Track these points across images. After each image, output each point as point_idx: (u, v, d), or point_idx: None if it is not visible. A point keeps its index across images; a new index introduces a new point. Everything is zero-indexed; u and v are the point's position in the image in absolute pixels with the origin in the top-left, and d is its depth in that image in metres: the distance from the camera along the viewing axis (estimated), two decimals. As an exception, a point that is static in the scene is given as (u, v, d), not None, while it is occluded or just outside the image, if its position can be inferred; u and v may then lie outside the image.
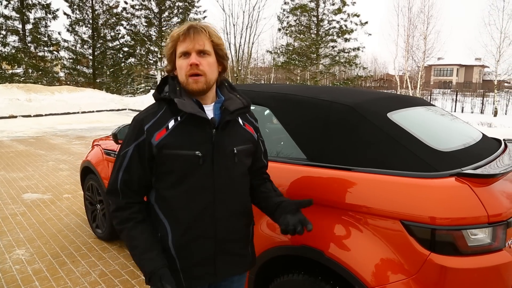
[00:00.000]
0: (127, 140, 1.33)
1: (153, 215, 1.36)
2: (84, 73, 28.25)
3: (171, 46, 1.31)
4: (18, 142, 9.67)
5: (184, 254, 1.33)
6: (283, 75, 30.38)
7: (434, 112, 2.35)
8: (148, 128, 1.28)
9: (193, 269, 1.34)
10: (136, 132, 1.30)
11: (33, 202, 4.87)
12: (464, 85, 42.02)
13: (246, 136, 1.42)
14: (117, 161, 1.34)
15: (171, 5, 28.11)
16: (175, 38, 1.30)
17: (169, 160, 1.28)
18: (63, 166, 6.96)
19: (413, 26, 22.00)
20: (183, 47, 1.28)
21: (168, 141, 1.27)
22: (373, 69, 48.44)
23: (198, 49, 1.28)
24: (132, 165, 1.30)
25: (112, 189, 1.33)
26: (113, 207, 1.34)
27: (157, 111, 1.32)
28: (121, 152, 1.33)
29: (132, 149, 1.30)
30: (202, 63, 1.28)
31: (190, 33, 1.27)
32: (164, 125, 1.29)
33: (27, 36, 25.29)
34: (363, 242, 1.57)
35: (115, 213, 1.33)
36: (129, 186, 1.32)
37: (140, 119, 1.31)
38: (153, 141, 1.27)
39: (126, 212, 1.32)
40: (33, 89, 17.25)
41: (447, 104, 22.44)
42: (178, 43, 1.30)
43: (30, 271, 3.10)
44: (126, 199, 1.32)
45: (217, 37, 1.33)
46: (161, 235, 1.34)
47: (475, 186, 1.46)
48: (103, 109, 18.07)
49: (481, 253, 1.45)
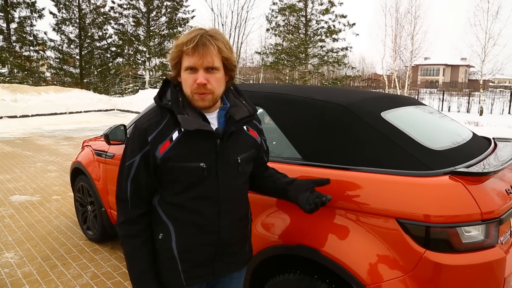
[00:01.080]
0: (131, 149, 1.29)
1: (155, 216, 1.35)
2: (71, 73, 27.81)
3: (176, 56, 1.23)
4: (4, 143, 9.48)
5: (186, 256, 1.33)
6: (272, 75, 30.42)
7: (426, 111, 2.38)
8: (152, 139, 1.24)
9: (193, 270, 1.35)
10: (140, 143, 1.26)
11: (21, 204, 4.78)
12: (450, 84, 42.67)
13: (249, 142, 1.41)
14: (123, 170, 1.32)
15: (159, 4, 27.84)
16: (181, 48, 1.20)
17: (175, 171, 1.26)
18: (52, 167, 6.85)
19: (400, 26, 22.27)
20: (190, 61, 1.20)
21: (172, 154, 1.24)
22: (361, 69, 48.83)
23: (207, 66, 1.20)
24: (140, 175, 1.28)
25: (122, 198, 1.32)
26: (121, 219, 1.32)
27: (161, 120, 1.27)
28: (126, 162, 1.30)
29: (139, 159, 1.27)
30: (210, 81, 1.22)
31: (199, 47, 1.18)
32: (168, 136, 1.25)
33: (12, 36, 24.80)
34: (359, 241, 1.58)
35: (123, 226, 1.32)
36: (138, 195, 1.31)
37: (143, 129, 1.26)
38: (157, 154, 1.24)
39: (135, 228, 1.31)
40: (18, 89, 16.93)
41: (434, 104, 22.75)
42: (184, 55, 1.21)
43: (20, 274, 3.05)
44: (136, 210, 1.31)
45: (228, 51, 1.24)
46: (163, 236, 1.32)
47: (468, 184, 1.49)
48: (91, 110, 17.83)
49: (475, 250, 1.48)
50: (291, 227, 1.80)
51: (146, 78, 27.78)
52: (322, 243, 1.65)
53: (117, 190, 1.34)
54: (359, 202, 1.61)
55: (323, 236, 1.67)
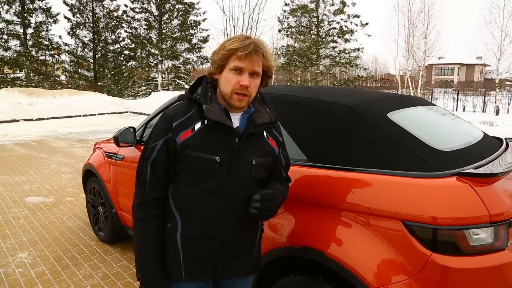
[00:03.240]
0: (156, 133, 1.37)
1: (166, 206, 1.40)
2: (85, 76, 28.31)
3: (225, 57, 1.29)
4: (20, 146, 9.70)
5: (189, 249, 1.37)
6: (284, 76, 30.37)
7: (435, 111, 2.35)
8: (176, 126, 1.32)
9: (194, 265, 1.37)
10: (165, 128, 1.34)
11: (35, 205, 4.88)
12: (466, 84, 41.91)
13: (267, 149, 1.45)
14: (145, 152, 1.38)
15: (171, 7, 28.15)
16: (234, 52, 1.27)
17: (190, 160, 1.32)
18: (65, 169, 6.98)
19: (413, 26, 22.01)
20: (239, 63, 1.28)
21: (191, 142, 1.31)
22: (373, 69, 48.42)
23: (253, 70, 1.30)
24: (160, 158, 1.35)
25: (141, 179, 1.37)
26: (138, 200, 1.37)
27: (187, 111, 1.36)
28: (149, 145, 1.37)
29: (161, 144, 1.34)
30: (251, 85, 1.31)
31: (252, 53, 1.27)
32: (191, 126, 1.33)
33: (28, 40, 25.39)
34: (365, 243, 1.56)
35: (140, 208, 1.36)
36: (157, 178, 1.36)
37: (170, 115, 1.35)
38: (178, 140, 1.31)
39: (151, 212, 1.36)
40: (34, 93, 17.29)
41: (449, 104, 22.40)
42: (234, 57, 1.28)
43: (33, 274, 3.11)
44: (153, 193, 1.36)
45: (271, 60, 1.35)
46: (170, 226, 1.38)
47: (476, 186, 1.46)
48: (104, 112, 18.09)
49: (484, 253, 1.44)
50: (297, 229, 1.80)
51: (159, 80, 28.07)
52: (327, 245, 1.64)
53: (137, 171, 1.40)
54: (365, 204, 1.59)
55: (329, 238, 1.66)
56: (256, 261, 1.54)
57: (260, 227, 1.55)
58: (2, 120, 14.47)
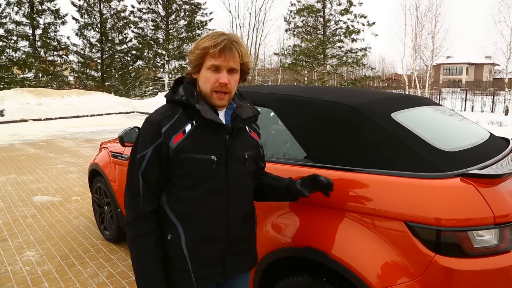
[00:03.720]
0: (143, 141, 1.31)
1: (162, 217, 1.35)
2: (93, 77, 28.55)
3: (200, 56, 1.29)
4: (28, 146, 9.81)
5: (197, 255, 1.34)
6: (291, 76, 30.32)
7: (440, 111, 2.33)
8: (166, 131, 1.28)
9: (204, 270, 1.35)
10: (154, 134, 1.29)
11: (43, 204, 4.93)
12: (474, 83, 41.47)
13: (252, 142, 1.48)
14: (134, 163, 1.32)
15: (177, 8, 28.25)
16: (207, 50, 1.26)
17: (186, 163, 1.29)
18: (72, 169, 7.04)
19: (420, 25, 21.85)
20: (215, 61, 1.27)
21: (185, 145, 1.28)
22: (381, 69, 48.14)
23: (230, 67, 1.29)
24: (151, 167, 1.30)
25: (134, 192, 1.31)
26: (133, 216, 1.30)
27: (173, 114, 1.32)
28: (138, 154, 1.31)
29: (151, 151, 1.29)
30: (230, 82, 1.31)
31: (226, 50, 1.26)
32: (181, 128, 1.30)
33: (37, 41, 25.66)
34: (367, 244, 1.56)
35: (135, 223, 1.29)
36: (150, 189, 1.31)
37: (157, 121, 1.30)
38: (171, 144, 1.28)
39: (148, 225, 1.30)
40: (43, 93, 17.49)
41: (457, 103, 22.18)
42: (209, 56, 1.27)
43: (40, 272, 3.14)
44: (148, 205, 1.31)
45: (247, 56, 1.35)
46: (172, 237, 1.33)
47: (480, 187, 1.44)
48: (111, 112, 18.24)
49: (488, 255, 1.43)
50: (300, 229, 1.79)
51: (166, 80, 28.19)
52: (330, 245, 1.63)
53: (127, 184, 1.34)
54: (367, 205, 1.58)
55: (331, 238, 1.65)
56: (255, 254, 1.56)
57: (255, 221, 1.56)
58: (11, 120, 14.66)
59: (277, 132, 2.35)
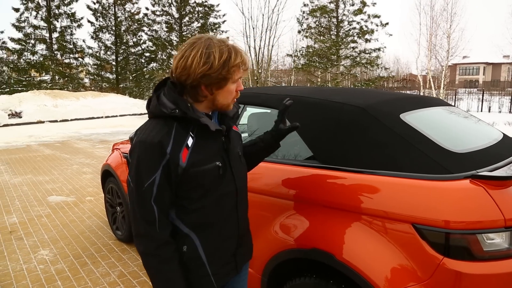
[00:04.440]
0: (148, 167, 1.20)
1: (174, 231, 1.30)
2: (107, 79, 28.97)
3: (232, 72, 1.25)
4: (45, 147, 10.01)
5: (214, 258, 1.34)
6: (304, 77, 30.21)
7: (451, 112, 2.29)
8: (170, 150, 1.20)
9: (221, 270, 1.37)
10: (158, 157, 1.20)
11: (57, 204, 5.03)
12: (492, 83, 40.63)
13: (238, 136, 1.52)
14: (143, 194, 1.21)
15: (191, 10, 28.50)
16: (238, 66, 1.26)
17: (197, 177, 1.25)
18: (87, 170, 7.15)
19: (435, 25, 21.47)
20: (242, 74, 1.31)
21: (194, 160, 1.24)
22: (395, 70, 47.57)
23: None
24: (163, 191, 1.22)
25: (149, 221, 1.21)
26: (154, 245, 1.21)
27: (169, 131, 1.23)
28: (145, 183, 1.20)
29: (159, 175, 1.20)
30: None
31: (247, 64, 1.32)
32: (183, 144, 1.23)
33: (54, 44, 26.18)
34: (374, 246, 1.54)
35: (158, 251, 1.22)
36: (164, 213, 1.24)
37: (157, 142, 1.19)
38: (181, 163, 1.22)
39: (170, 249, 1.24)
40: (59, 95, 17.84)
41: (473, 104, 21.76)
42: (238, 70, 1.27)
43: (53, 271, 3.20)
44: (165, 230, 1.24)
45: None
46: (188, 248, 1.30)
47: (490, 189, 1.42)
48: (125, 114, 18.47)
49: (499, 259, 1.40)
50: (307, 231, 1.78)
51: (179, 82, 28.34)
52: (336, 247, 1.62)
53: (141, 214, 1.22)
54: (375, 206, 1.57)
55: (338, 240, 1.64)
56: (251, 239, 1.59)
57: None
58: (28, 122, 14.99)
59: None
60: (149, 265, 1.24)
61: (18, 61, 25.18)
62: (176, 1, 28.39)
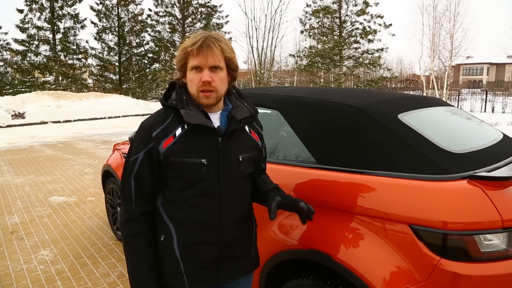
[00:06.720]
0: (136, 146, 1.33)
1: (157, 218, 1.37)
2: (111, 79, 29.09)
3: (182, 58, 1.30)
4: (47, 147, 10.05)
5: (188, 257, 1.34)
6: (307, 77, 30.18)
7: (451, 112, 2.27)
8: (156, 135, 1.29)
9: (197, 273, 1.35)
10: (145, 139, 1.31)
11: (59, 204, 5.04)
12: (496, 84, 40.39)
13: (251, 144, 1.44)
14: (127, 166, 1.34)
15: (194, 11, 28.59)
16: (187, 51, 1.28)
17: (176, 167, 1.29)
18: (88, 170, 7.17)
19: (438, 25, 21.40)
20: (195, 61, 1.27)
21: (175, 149, 1.28)
22: (398, 70, 47.43)
23: (211, 65, 1.28)
24: (143, 171, 1.31)
25: (126, 194, 1.34)
26: (125, 216, 1.33)
27: (165, 118, 1.33)
28: (130, 158, 1.33)
29: (142, 155, 1.31)
30: (214, 79, 1.28)
31: (204, 48, 1.25)
32: (172, 132, 1.30)
33: (57, 45, 26.32)
34: (371, 247, 1.53)
35: (127, 223, 1.33)
36: (142, 192, 1.33)
37: (149, 126, 1.32)
38: (160, 148, 1.28)
39: (139, 227, 1.32)
40: (62, 96, 17.89)
41: (476, 104, 21.65)
42: (190, 56, 1.28)
43: (53, 271, 3.21)
44: (139, 208, 1.33)
45: (230, 51, 1.31)
46: (165, 238, 1.34)
47: (488, 189, 1.40)
48: (128, 114, 18.50)
49: (496, 260, 1.38)
50: (304, 232, 1.77)
51: (181, 83, 28.41)
52: (333, 248, 1.61)
53: (121, 186, 1.37)
54: (372, 207, 1.56)
55: (335, 241, 1.63)
56: (255, 256, 1.53)
57: (254, 222, 1.54)
58: (32, 122, 15.05)
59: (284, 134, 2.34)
60: (121, 235, 1.36)
61: (21, 62, 25.33)
62: (179, 2, 28.50)
